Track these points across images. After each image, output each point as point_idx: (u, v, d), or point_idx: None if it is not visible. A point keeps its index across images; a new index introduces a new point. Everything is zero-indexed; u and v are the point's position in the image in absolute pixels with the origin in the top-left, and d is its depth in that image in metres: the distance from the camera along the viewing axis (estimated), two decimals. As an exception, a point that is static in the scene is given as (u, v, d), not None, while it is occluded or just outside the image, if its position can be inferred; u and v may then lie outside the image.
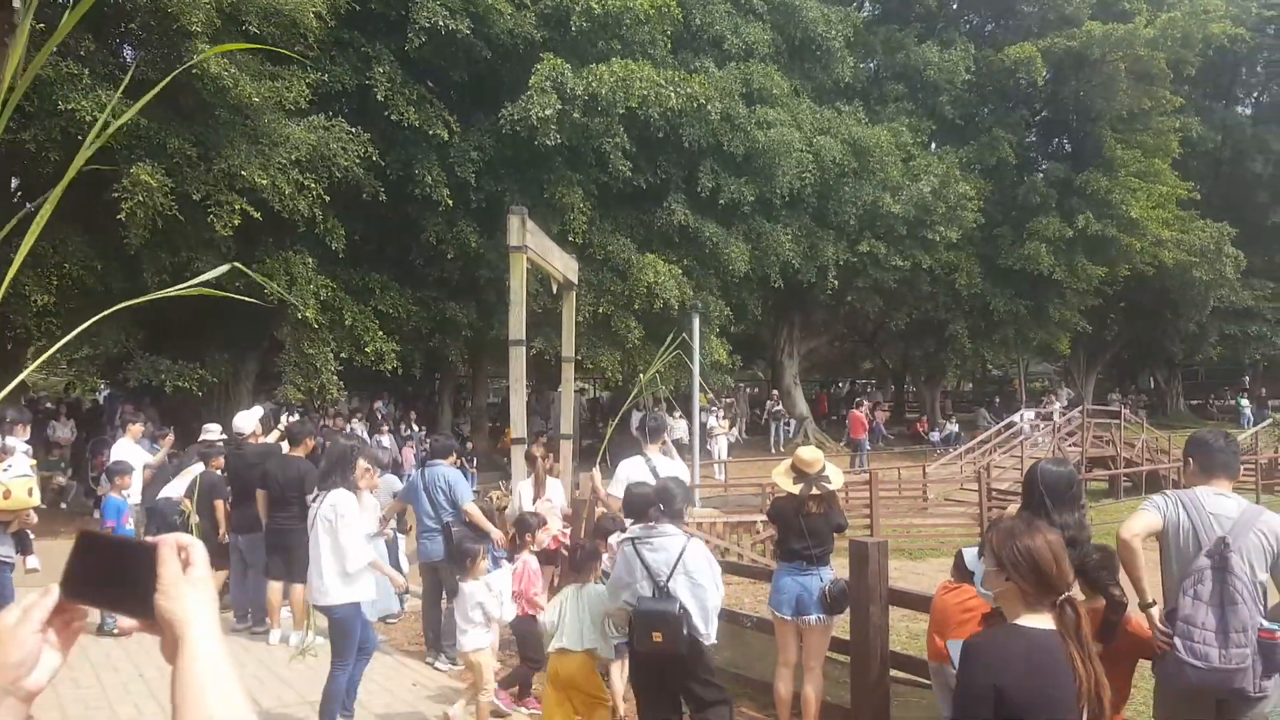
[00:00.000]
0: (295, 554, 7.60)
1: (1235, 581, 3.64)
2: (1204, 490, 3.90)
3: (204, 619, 1.03)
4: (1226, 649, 3.59)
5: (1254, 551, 3.69)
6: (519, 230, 8.63)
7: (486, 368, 26.17)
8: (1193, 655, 3.62)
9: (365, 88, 17.09)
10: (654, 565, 4.69)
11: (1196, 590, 3.68)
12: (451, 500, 7.24)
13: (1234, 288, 32.31)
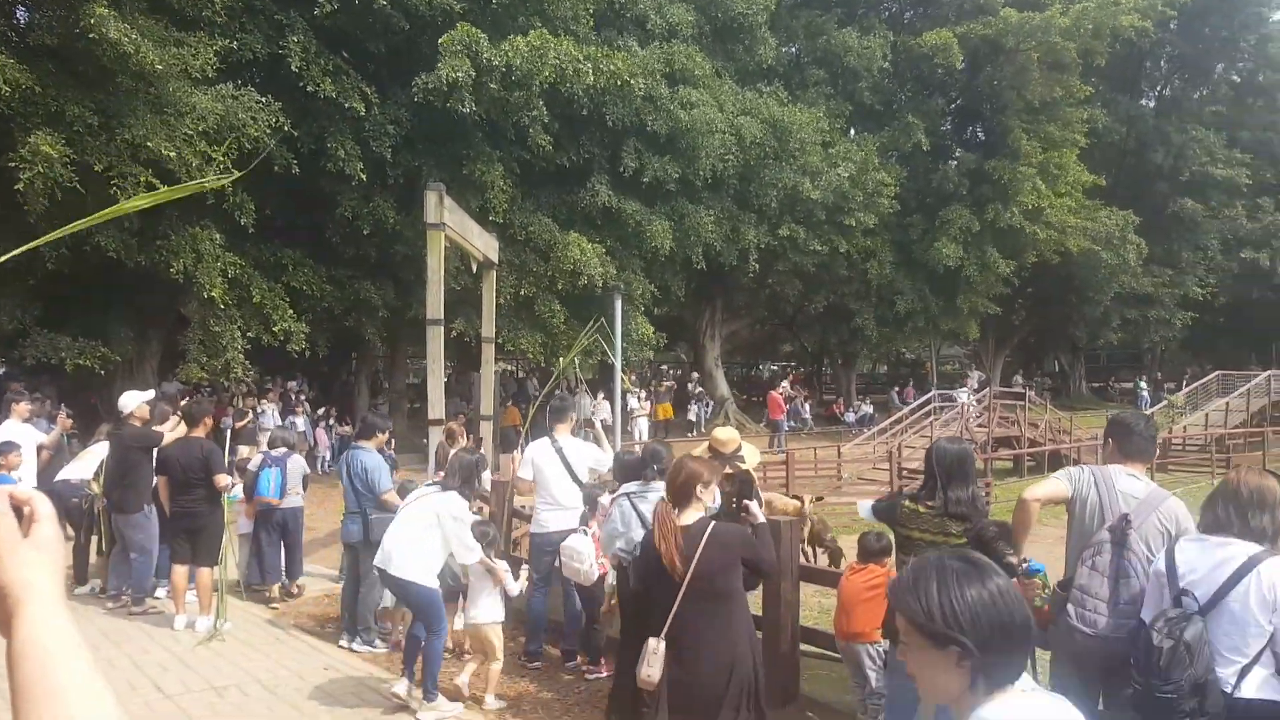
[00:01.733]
0: (201, 537, 7.39)
1: (1131, 557, 3.77)
2: (1117, 469, 4.03)
3: (45, 586, 0.90)
4: (1114, 618, 3.72)
5: (1152, 533, 3.82)
6: (437, 207, 8.47)
7: (405, 348, 25.75)
8: (1083, 622, 3.76)
9: (278, 57, 16.52)
10: (647, 516, 4.94)
11: (1094, 561, 3.81)
12: (369, 486, 7.10)
13: (1136, 274, 33.69)
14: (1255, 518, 3.35)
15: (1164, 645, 3.18)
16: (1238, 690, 3.19)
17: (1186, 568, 3.36)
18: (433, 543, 5.65)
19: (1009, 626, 1.60)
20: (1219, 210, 37.95)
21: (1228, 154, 37.86)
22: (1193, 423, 27.48)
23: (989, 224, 28.04)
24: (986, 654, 1.58)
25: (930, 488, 4.19)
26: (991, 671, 1.60)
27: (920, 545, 4.16)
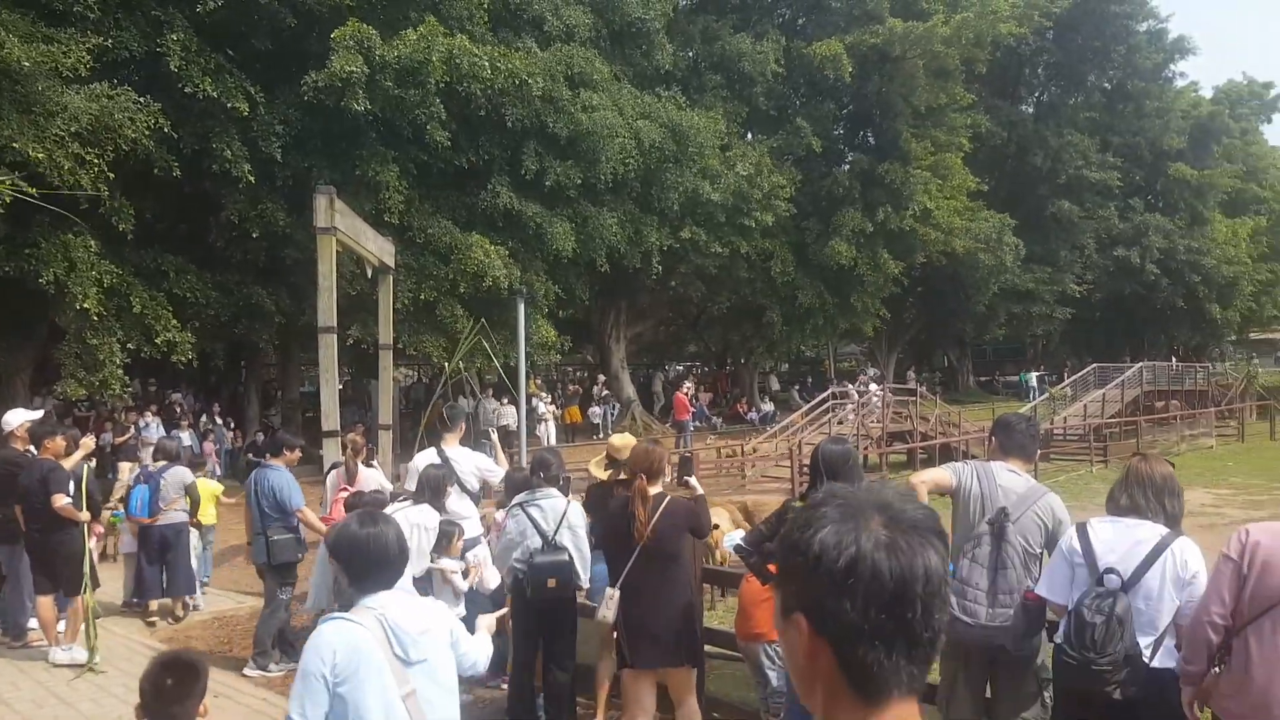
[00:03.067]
0: (56, 564, 6.93)
1: (1009, 549, 3.92)
2: (999, 465, 4.18)
3: None
4: (993, 608, 3.86)
5: (1030, 526, 3.98)
6: (327, 211, 8.21)
7: (298, 355, 25.00)
8: (964, 612, 3.87)
9: (156, 55, 15.80)
10: (541, 522, 5.22)
11: (974, 553, 3.95)
12: (276, 506, 6.83)
13: (1015, 273, 35.14)
14: (1168, 502, 3.59)
15: (1096, 621, 3.32)
16: (1153, 661, 3.39)
17: (1104, 548, 3.51)
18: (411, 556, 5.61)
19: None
20: (1093, 211, 39.93)
21: (1100, 158, 39.87)
22: (1072, 413, 28.74)
23: (880, 226, 28.80)
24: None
25: (818, 487, 4.26)
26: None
27: None
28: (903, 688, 1.09)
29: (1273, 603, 3.06)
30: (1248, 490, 17.18)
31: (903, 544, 1.07)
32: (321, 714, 2.72)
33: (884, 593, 1.05)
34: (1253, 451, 25.02)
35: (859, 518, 1.10)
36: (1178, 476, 3.77)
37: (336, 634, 2.78)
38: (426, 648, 2.90)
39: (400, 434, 12.44)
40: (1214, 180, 41.88)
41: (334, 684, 2.72)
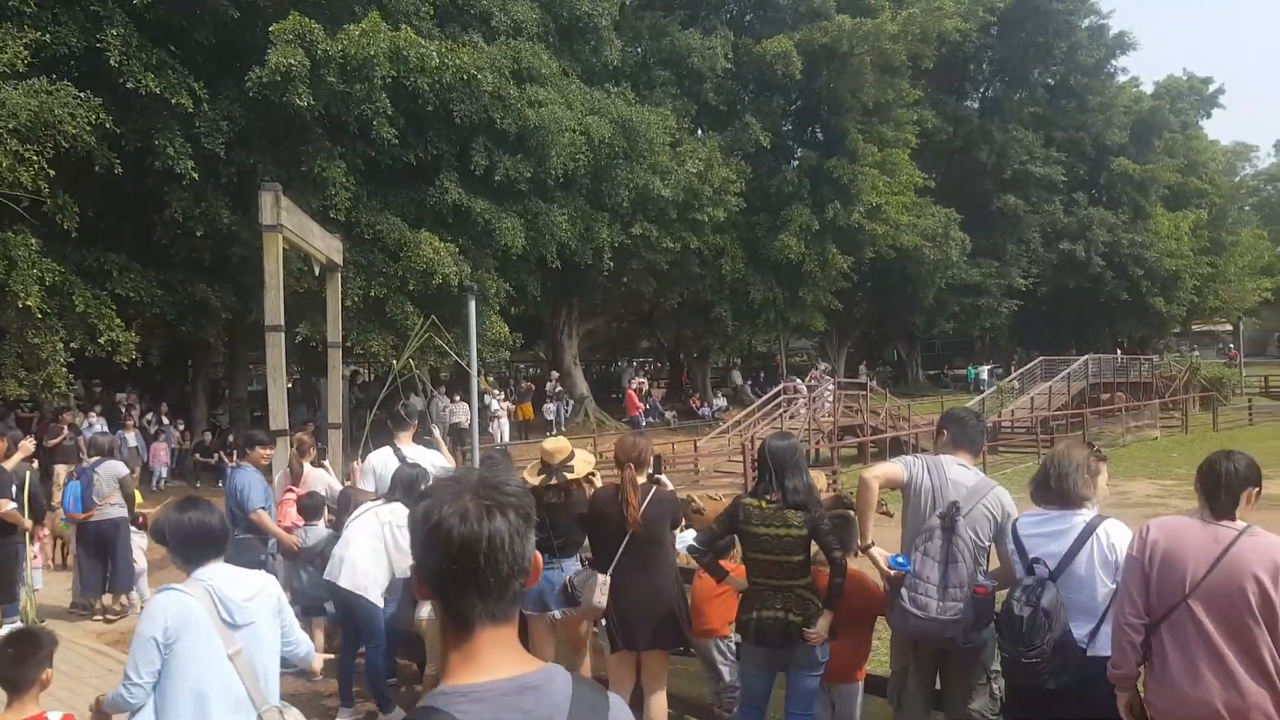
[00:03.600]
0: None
1: (959, 542, 3.95)
2: (949, 459, 4.22)
3: None
4: (944, 601, 3.89)
5: (979, 520, 4.03)
6: (273, 208, 8.12)
7: (246, 354, 24.67)
8: (915, 605, 3.92)
9: (96, 50, 15.50)
10: None
11: (926, 547, 3.98)
12: (240, 507, 6.77)
13: (962, 268, 35.70)
14: (1080, 484, 3.61)
15: (1024, 614, 3.36)
16: (1090, 648, 3.41)
17: (1032, 539, 3.57)
18: (381, 556, 5.70)
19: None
20: (1039, 205, 40.62)
21: (1045, 153, 40.63)
22: (1019, 406, 29.26)
23: (829, 222, 29.09)
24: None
25: (767, 482, 4.35)
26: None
27: (764, 539, 4.29)
28: (485, 619, 1.40)
29: (1178, 598, 3.07)
30: (1190, 481, 17.51)
31: (474, 513, 1.38)
32: (154, 672, 3.15)
33: (453, 549, 1.37)
34: (1196, 442, 25.49)
35: (458, 494, 1.40)
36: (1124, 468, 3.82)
37: (168, 601, 3.23)
38: (252, 613, 3.31)
39: (350, 432, 12.36)
40: (1156, 174, 42.76)
41: (165, 645, 3.16)
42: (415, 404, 8.22)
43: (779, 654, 4.30)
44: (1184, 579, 3.06)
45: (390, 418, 7.00)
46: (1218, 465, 3.24)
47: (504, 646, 1.43)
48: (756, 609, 4.29)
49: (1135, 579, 3.17)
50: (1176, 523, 3.23)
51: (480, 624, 1.40)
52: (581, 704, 1.43)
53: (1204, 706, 3.04)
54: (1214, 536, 3.09)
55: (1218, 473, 3.21)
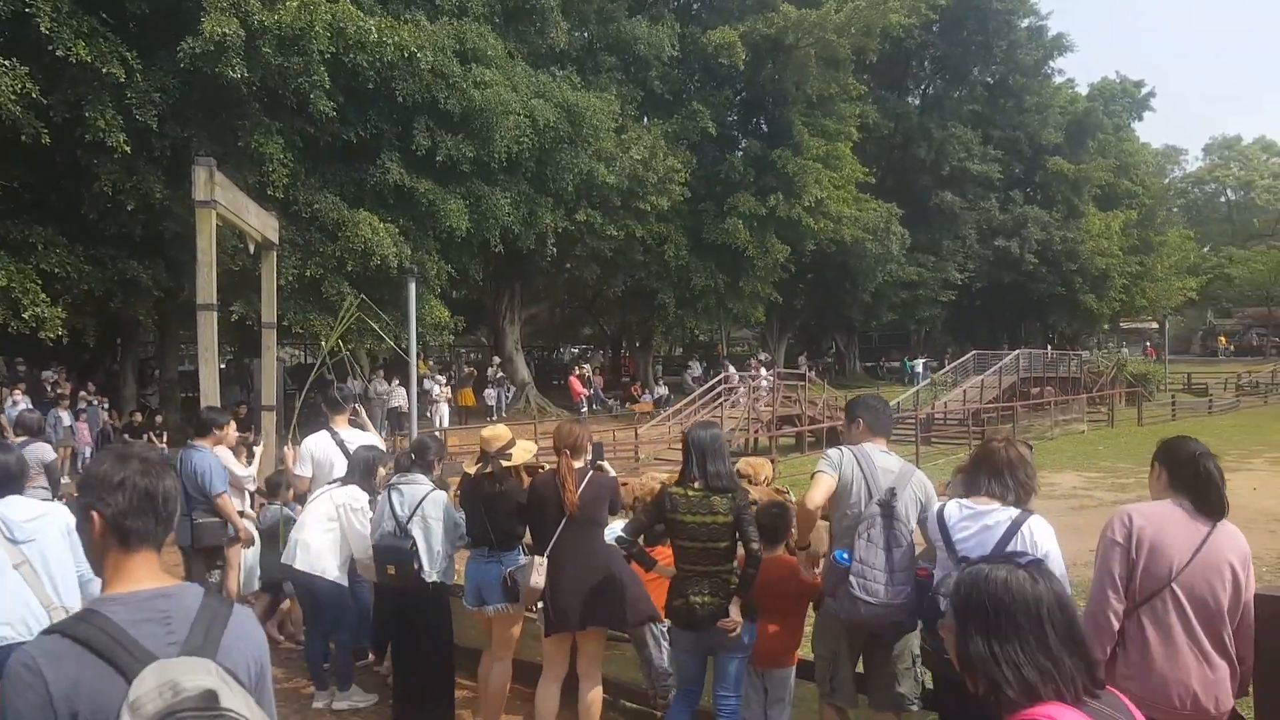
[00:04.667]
0: None
1: (900, 526, 4.04)
2: (871, 447, 4.28)
3: None
4: (893, 586, 3.96)
5: (910, 503, 4.13)
6: (206, 183, 7.94)
7: (178, 333, 24.10)
8: (866, 593, 3.96)
9: (23, 16, 14.95)
10: (398, 507, 5.26)
11: (869, 534, 4.03)
12: (200, 489, 6.62)
13: (900, 262, 36.24)
14: (1012, 481, 3.64)
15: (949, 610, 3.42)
16: None
17: (959, 533, 3.59)
18: (336, 536, 5.69)
19: None
20: (975, 202, 41.39)
21: (983, 150, 41.37)
22: (952, 398, 29.80)
23: (772, 212, 29.33)
24: None
25: (691, 470, 4.43)
26: None
27: (691, 527, 4.35)
28: (142, 547, 1.95)
29: (1163, 584, 3.14)
30: (1116, 473, 17.88)
31: (139, 469, 1.97)
32: None
33: (139, 494, 1.94)
34: (1121, 436, 26.25)
35: (128, 460, 1.99)
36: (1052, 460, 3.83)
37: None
38: (34, 532, 3.87)
39: (284, 415, 12.14)
40: (1089, 174, 43.86)
41: None
42: (352, 387, 8.09)
43: (706, 637, 4.39)
44: (1170, 566, 3.15)
45: (325, 401, 6.90)
46: (1205, 464, 3.28)
47: (150, 567, 1.96)
48: (685, 594, 4.37)
49: (1119, 565, 3.21)
50: (1159, 510, 3.26)
51: (138, 550, 1.94)
52: (208, 609, 1.91)
53: (1182, 687, 3.14)
54: (1195, 525, 3.20)
55: (1207, 472, 3.26)
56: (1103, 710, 1.77)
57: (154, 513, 1.96)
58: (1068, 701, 1.74)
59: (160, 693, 1.71)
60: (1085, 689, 1.77)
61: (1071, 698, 1.74)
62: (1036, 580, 1.84)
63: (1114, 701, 1.82)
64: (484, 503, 5.11)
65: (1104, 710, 1.77)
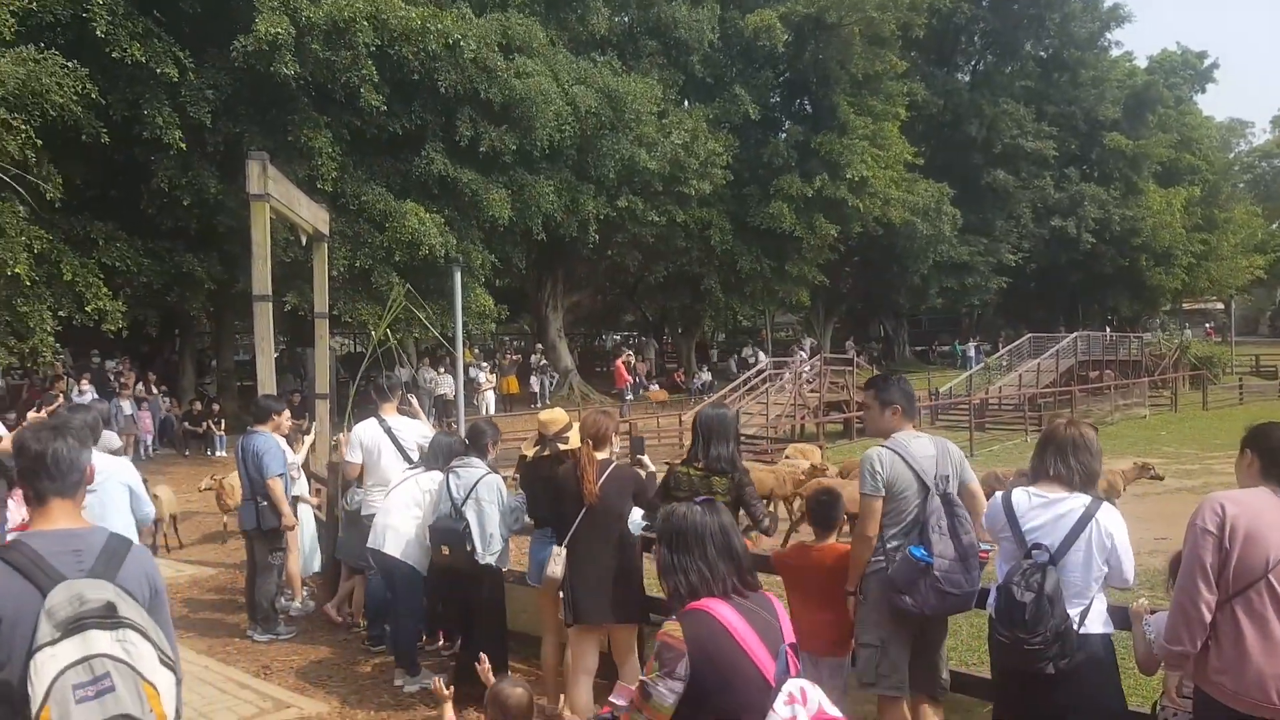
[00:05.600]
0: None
1: (960, 512, 4.01)
2: (905, 435, 4.19)
3: None
4: (969, 574, 3.93)
5: (954, 479, 4.15)
6: (259, 177, 8.13)
7: (233, 323, 24.68)
8: (951, 585, 3.91)
9: (82, 20, 15.40)
10: (454, 490, 5.38)
11: (940, 526, 3.97)
12: (260, 472, 6.85)
13: (952, 243, 35.58)
14: (1076, 462, 3.54)
15: (1026, 599, 3.34)
16: (1081, 627, 3.42)
17: (1029, 522, 3.50)
18: (421, 523, 5.78)
19: None
20: (1029, 181, 40.20)
21: (1036, 127, 40.15)
22: (1008, 383, 29.28)
23: (818, 193, 29.02)
24: None
25: (696, 450, 4.49)
26: None
27: None
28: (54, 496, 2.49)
29: (1258, 575, 3.01)
30: (1180, 459, 17.27)
31: (32, 436, 2.52)
32: None
33: (30, 454, 2.47)
34: (1185, 421, 25.59)
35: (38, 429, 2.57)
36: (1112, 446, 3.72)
37: None
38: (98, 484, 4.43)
39: (336, 403, 12.40)
40: (1149, 150, 42.33)
41: None
42: (400, 375, 8.25)
43: None
44: (1267, 556, 3.01)
45: (374, 389, 7.06)
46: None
47: (66, 511, 2.49)
48: None
49: (1211, 555, 3.05)
50: (1253, 498, 3.11)
51: (49, 500, 2.48)
52: (110, 544, 2.46)
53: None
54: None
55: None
56: (748, 605, 2.55)
57: (45, 472, 2.48)
58: (718, 596, 2.53)
59: (70, 603, 2.29)
60: (736, 589, 2.57)
61: (721, 594, 2.54)
62: (705, 513, 2.66)
63: (761, 600, 2.62)
64: (544, 485, 5.23)
65: (749, 605, 2.56)
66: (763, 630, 2.50)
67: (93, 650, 2.28)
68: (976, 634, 6.29)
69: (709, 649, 2.44)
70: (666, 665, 2.46)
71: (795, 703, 2.43)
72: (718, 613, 2.48)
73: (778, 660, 2.49)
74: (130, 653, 2.34)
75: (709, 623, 2.47)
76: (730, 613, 2.48)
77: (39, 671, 2.24)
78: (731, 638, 2.44)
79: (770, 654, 2.48)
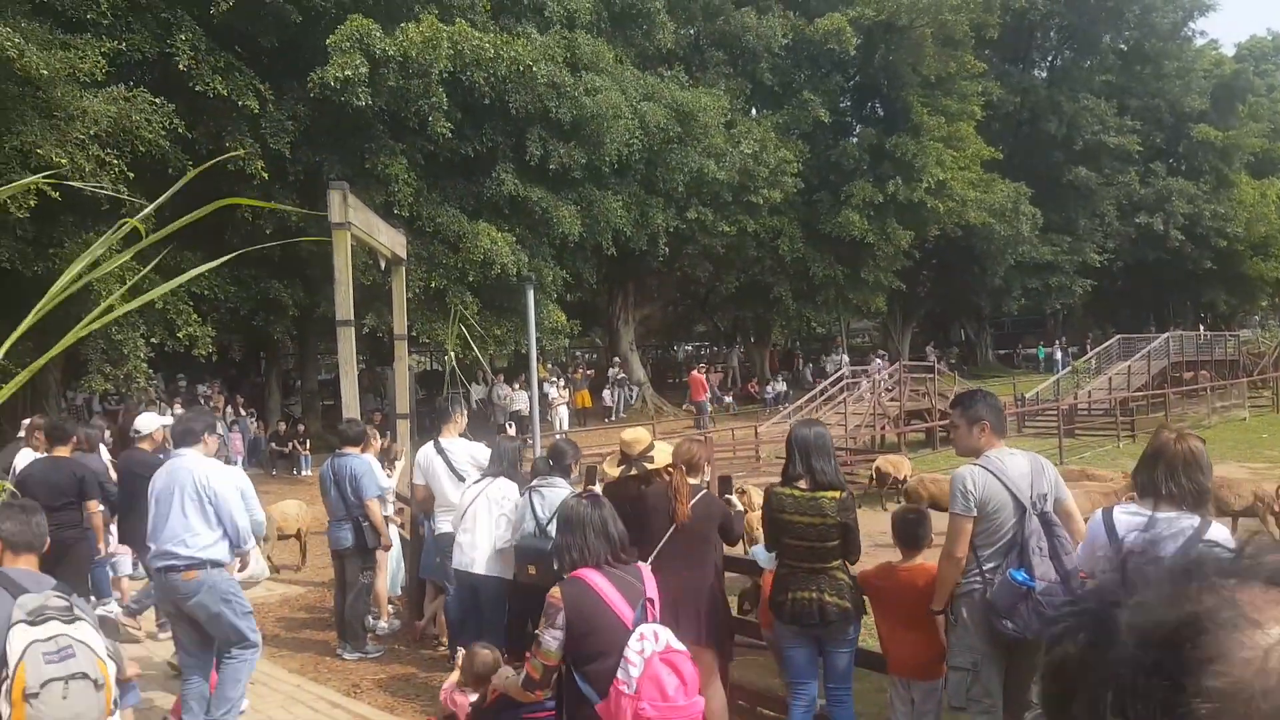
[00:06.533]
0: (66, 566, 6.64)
1: (1059, 533, 3.90)
2: (997, 453, 4.06)
3: None
4: (1072, 594, 3.80)
5: (1050, 498, 4.00)
6: (341, 206, 8.33)
7: (316, 345, 25.30)
8: (1054, 608, 3.77)
9: (167, 56, 16.04)
10: (538, 509, 5.43)
11: (1040, 548, 3.87)
12: (357, 493, 7.01)
13: (1033, 244, 34.68)
14: (1188, 481, 3.35)
15: None
16: None
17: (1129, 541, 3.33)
18: (503, 531, 5.86)
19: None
20: (1113, 177, 38.92)
21: (1118, 121, 38.81)
22: (1096, 387, 28.34)
23: (891, 198, 28.60)
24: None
25: (795, 469, 4.39)
26: None
27: (798, 527, 4.37)
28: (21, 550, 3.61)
29: None
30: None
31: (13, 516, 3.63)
32: None
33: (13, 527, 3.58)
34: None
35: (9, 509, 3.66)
36: (1211, 450, 3.40)
37: None
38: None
39: (415, 422, 12.65)
40: (1239, 141, 40.56)
41: None
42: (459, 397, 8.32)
43: (812, 631, 4.44)
44: None
45: (437, 411, 7.18)
46: None
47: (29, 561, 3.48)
48: (792, 590, 4.41)
49: None
50: None
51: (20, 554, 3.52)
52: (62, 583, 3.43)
53: None
54: None
55: None
56: (616, 573, 3.39)
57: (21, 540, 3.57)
58: (592, 566, 3.38)
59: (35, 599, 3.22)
60: (608, 562, 3.41)
61: (595, 565, 3.38)
62: (590, 507, 3.53)
63: (630, 569, 3.47)
64: (630, 504, 5.21)
65: (617, 573, 3.40)
66: (625, 590, 3.35)
67: (58, 632, 3.20)
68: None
69: (579, 605, 3.30)
70: (549, 619, 3.32)
71: (645, 639, 3.23)
72: (589, 579, 3.34)
73: (636, 611, 3.32)
74: (87, 637, 3.26)
75: (581, 587, 3.34)
76: (600, 578, 3.34)
77: (13, 640, 3.14)
78: (598, 596, 3.29)
79: (630, 607, 3.32)
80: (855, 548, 4.44)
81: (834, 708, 4.51)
